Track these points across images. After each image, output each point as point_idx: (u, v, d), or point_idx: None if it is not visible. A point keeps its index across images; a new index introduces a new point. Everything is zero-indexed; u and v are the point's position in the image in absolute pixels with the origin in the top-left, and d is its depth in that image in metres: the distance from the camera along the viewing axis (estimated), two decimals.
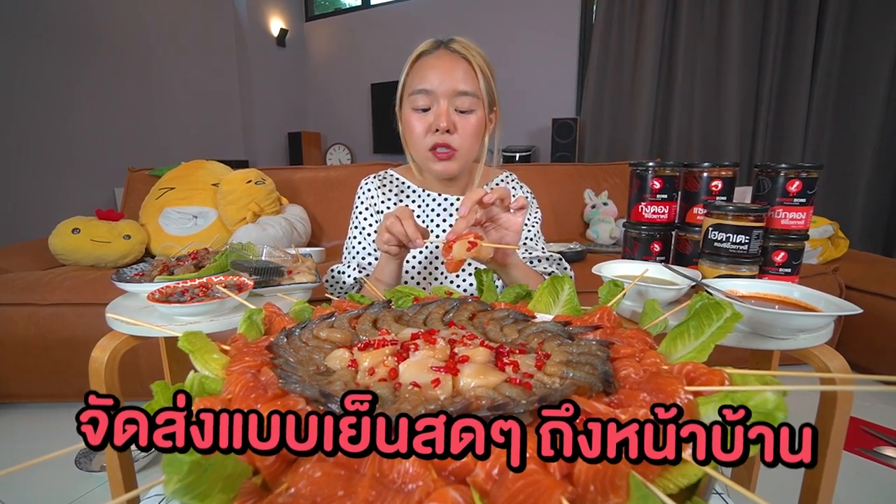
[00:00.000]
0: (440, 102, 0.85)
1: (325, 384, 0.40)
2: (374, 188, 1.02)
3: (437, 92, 0.84)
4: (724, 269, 0.79)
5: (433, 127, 0.85)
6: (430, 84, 0.84)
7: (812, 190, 0.81)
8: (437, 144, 0.86)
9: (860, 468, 1.33)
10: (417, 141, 0.89)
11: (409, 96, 0.86)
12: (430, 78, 0.84)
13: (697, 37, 3.18)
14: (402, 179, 1.04)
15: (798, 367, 1.75)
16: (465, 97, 0.85)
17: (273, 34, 4.50)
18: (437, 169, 0.90)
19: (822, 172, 0.82)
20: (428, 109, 0.87)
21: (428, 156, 0.89)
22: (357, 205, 1.05)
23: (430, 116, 0.86)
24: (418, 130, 0.87)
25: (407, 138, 0.93)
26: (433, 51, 0.88)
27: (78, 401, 1.67)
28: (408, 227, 0.72)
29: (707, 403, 0.36)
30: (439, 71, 0.84)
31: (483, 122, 0.90)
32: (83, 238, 1.84)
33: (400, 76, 0.92)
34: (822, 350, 0.67)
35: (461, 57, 0.86)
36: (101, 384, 0.76)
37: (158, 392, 0.41)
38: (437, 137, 0.86)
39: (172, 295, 0.76)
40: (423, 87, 0.84)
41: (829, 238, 2.05)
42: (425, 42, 0.90)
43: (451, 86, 0.84)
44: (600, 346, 0.45)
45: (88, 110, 3.18)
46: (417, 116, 0.87)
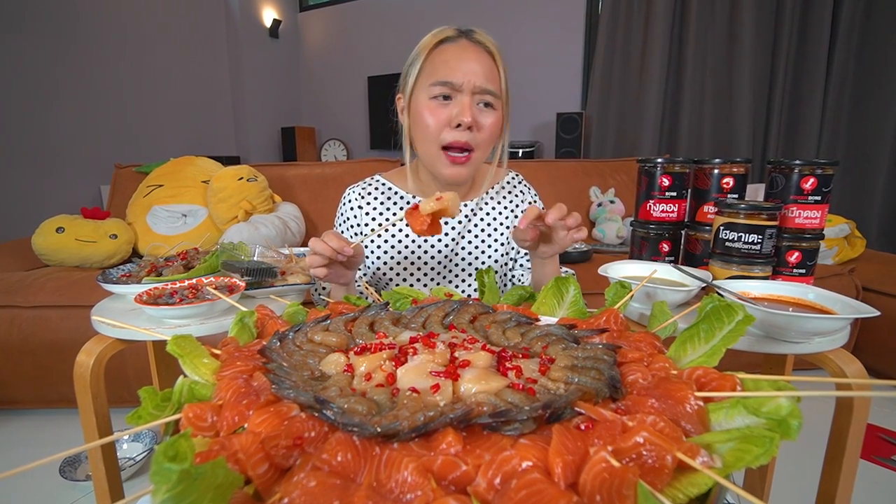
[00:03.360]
0: (463, 96, 0.81)
1: (320, 390, 0.40)
2: (356, 202, 0.99)
3: (461, 85, 0.80)
4: (735, 269, 0.79)
5: (454, 122, 0.81)
6: (453, 76, 0.80)
7: (827, 187, 0.81)
8: (453, 143, 0.83)
9: (877, 477, 1.34)
10: (430, 136, 0.84)
11: (429, 86, 0.81)
12: (455, 69, 0.80)
13: (708, 27, 3.18)
14: (390, 185, 1.01)
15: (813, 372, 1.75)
16: (488, 95, 0.83)
17: (265, 25, 4.49)
18: (446, 173, 0.86)
19: (837, 169, 0.82)
20: (446, 102, 0.82)
21: (439, 156, 0.85)
22: (338, 222, 1.04)
23: (451, 109, 0.82)
24: (432, 124, 0.82)
25: (415, 133, 0.88)
26: (456, 39, 0.84)
27: (62, 407, 1.69)
28: (329, 240, 0.70)
29: (718, 410, 0.36)
30: (464, 63, 0.80)
31: (501, 123, 0.88)
32: (68, 237, 1.84)
33: (410, 62, 0.87)
34: (837, 354, 0.67)
35: (485, 51, 0.83)
36: (86, 390, 0.75)
37: (146, 398, 0.41)
38: (456, 134, 0.82)
39: (161, 297, 0.76)
40: (446, 80, 0.80)
41: (846, 237, 2.05)
42: (445, 28, 0.85)
43: (477, 81, 0.81)
44: (607, 351, 0.45)
45: (73, 104, 3.18)
46: (433, 108, 0.82)
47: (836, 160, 0.82)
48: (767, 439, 0.30)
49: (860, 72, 2.91)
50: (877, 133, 2.87)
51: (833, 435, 0.68)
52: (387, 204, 1.00)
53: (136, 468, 1.38)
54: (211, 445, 0.33)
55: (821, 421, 0.67)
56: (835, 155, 3.03)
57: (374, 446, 0.33)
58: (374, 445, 0.33)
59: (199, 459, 0.31)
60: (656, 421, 0.33)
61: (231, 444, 0.32)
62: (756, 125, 3.17)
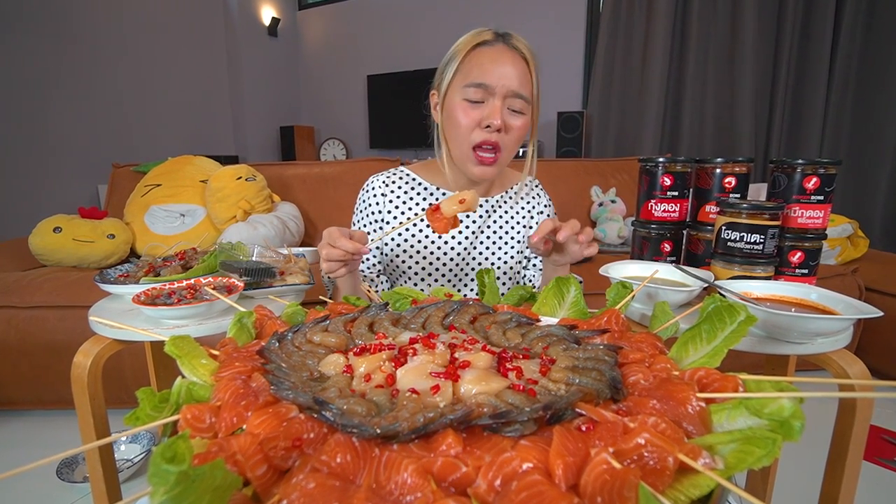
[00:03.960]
0: (495, 99, 0.85)
1: (319, 391, 0.40)
2: (380, 189, 1.01)
3: (494, 88, 0.84)
4: (737, 269, 0.79)
5: (483, 123, 0.85)
6: (489, 79, 0.84)
7: (830, 187, 0.81)
8: (483, 142, 0.87)
9: (880, 479, 1.34)
10: (462, 135, 0.88)
11: (463, 87, 0.86)
12: (490, 73, 0.84)
13: (710, 25, 3.18)
14: (414, 177, 1.04)
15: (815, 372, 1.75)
16: (519, 99, 0.87)
17: (264, 23, 4.49)
18: (475, 171, 0.91)
19: (840, 168, 0.82)
20: (479, 103, 0.87)
21: (469, 155, 0.89)
22: (360, 209, 1.04)
23: (482, 111, 0.86)
24: (465, 123, 0.87)
25: (447, 130, 0.92)
26: (493, 43, 0.87)
27: (59, 408, 1.69)
28: (344, 245, 0.72)
29: (720, 411, 0.36)
30: (499, 66, 0.84)
31: (528, 127, 0.92)
32: (65, 237, 1.84)
33: (446, 61, 0.91)
34: (840, 355, 0.67)
35: (521, 56, 0.87)
36: (83, 391, 0.75)
37: (144, 399, 0.41)
38: (485, 134, 0.86)
39: (159, 297, 0.76)
40: (482, 82, 0.84)
41: (849, 237, 2.05)
42: (483, 30, 0.89)
43: (510, 85, 0.84)
44: (608, 351, 0.45)
45: (70, 103, 3.18)
46: (467, 109, 0.86)
47: (839, 159, 0.82)
48: (770, 441, 0.30)
49: (863, 69, 2.91)
50: (880, 132, 2.87)
51: (836, 436, 0.68)
52: (410, 194, 1.02)
53: (133, 470, 1.38)
54: (209, 447, 0.33)
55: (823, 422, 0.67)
56: (838, 154, 3.04)
57: (374, 448, 0.33)
58: (374, 447, 0.33)
59: (197, 461, 0.31)
60: (658, 422, 0.33)
61: (230, 445, 0.32)
62: (758, 124, 3.17)
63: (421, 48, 4.22)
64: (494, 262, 1.05)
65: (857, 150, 2.98)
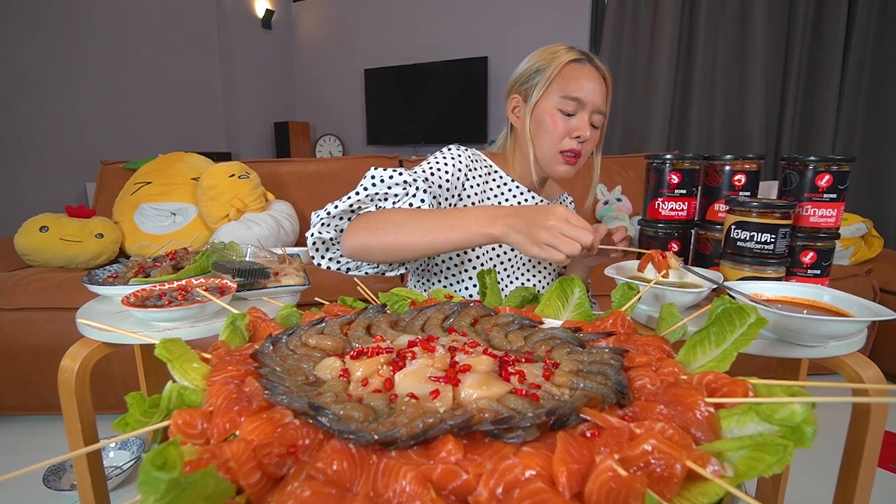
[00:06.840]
0: (584, 113, 0.99)
1: (315, 395, 0.40)
2: (465, 161, 1.05)
3: (586, 103, 0.98)
4: (747, 270, 0.79)
5: (574, 133, 1.00)
6: (583, 95, 0.98)
7: (843, 185, 0.81)
8: (571, 150, 1.01)
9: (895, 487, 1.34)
10: (553, 139, 1.01)
11: (560, 98, 0.99)
12: (583, 87, 0.98)
13: (719, 18, 3.18)
14: (491, 163, 1.11)
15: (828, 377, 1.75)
16: (600, 115, 1.01)
17: (258, 15, 4.49)
18: (561, 170, 1.04)
19: (854, 166, 0.82)
20: (570, 115, 1.01)
21: (556, 156, 1.02)
22: (445, 160, 1.03)
23: (573, 122, 1.00)
24: (557, 131, 1.00)
25: (537, 133, 1.03)
26: (584, 62, 1.01)
27: (46, 413, 1.69)
28: (582, 238, 0.74)
29: (729, 417, 0.36)
30: (591, 83, 0.99)
31: (600, 137, 1.07)
32: (52, 237, 1.84)
33: (536, 70, 1.02)
34: (854, 359, 0.67)
35: (602, 77, 1.01)
36: (71, 396, 0.75)
37: (134, 404, 0.41)
38: (573, 143, 1.00)
39: (149, 299, 0.76)
40: (578, 96, 0.98)
41: (862, 237, 2.05)
42: (571, 48, 1.02)
43: (597, 103, 0.99)
44: (614, 355, 0.45)
45: (57, 98, 3.18)
46: (560, 118, 1.00)
47: (852, 156, 0.82)
48: (781, 447, 0.30)
49: (877, 64, 2.91)
50: (895, 128, 2.87)
51: (849, 443, 0.68)
52: (486, 178, 1.08)
53: (123, 477, 1.38)
54: (201, 454, 0.33)
55: (836, 428, 0.67)
56: (851, 151, 3.03)
57: (371, 454, 0.33)
58: (371, 454, 0.33)
59: (188, 468, 0.31)
60: (665, 428, 0.33)
61: (222, 452, 0.32)
62: (769, 120, 3.17)
63: (420, 41, 4.22)
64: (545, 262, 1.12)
65: (872, 146, 2.98)
